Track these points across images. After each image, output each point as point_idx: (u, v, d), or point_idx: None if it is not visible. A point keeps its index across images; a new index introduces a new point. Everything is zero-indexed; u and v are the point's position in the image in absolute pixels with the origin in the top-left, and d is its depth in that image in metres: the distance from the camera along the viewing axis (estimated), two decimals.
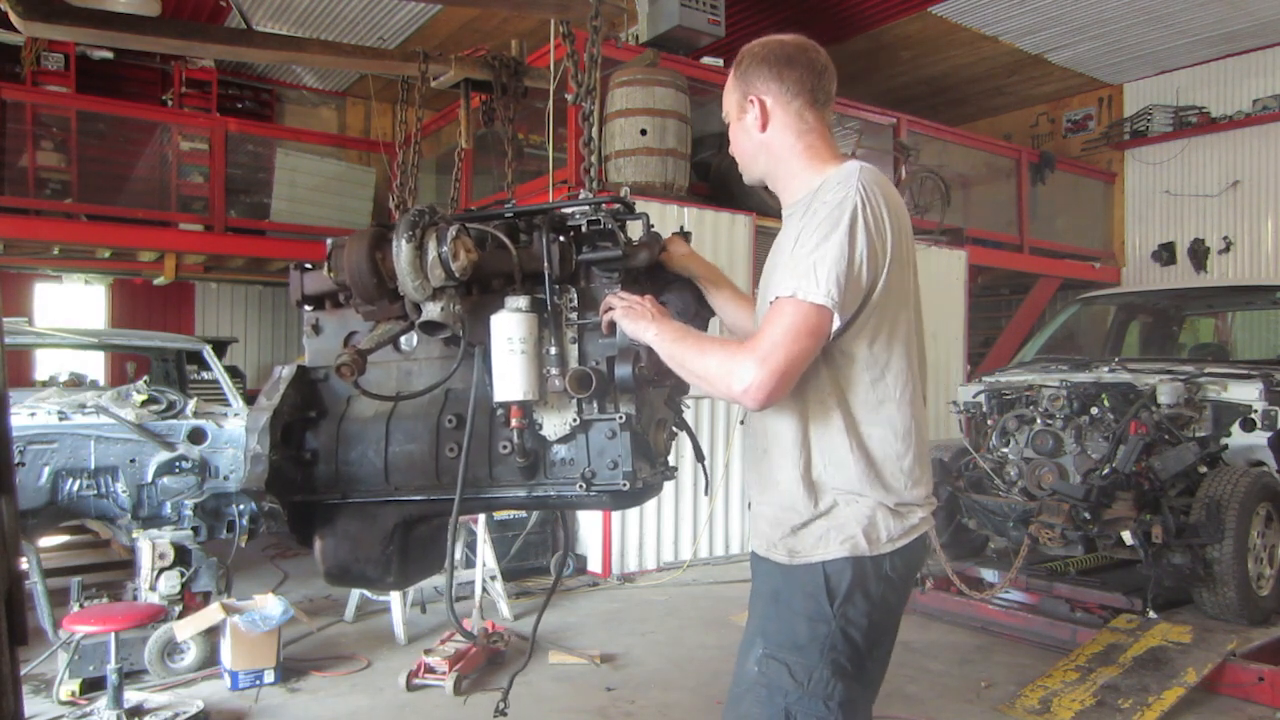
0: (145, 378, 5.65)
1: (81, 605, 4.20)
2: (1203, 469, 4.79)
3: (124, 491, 4.75)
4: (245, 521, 4.98)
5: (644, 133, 6.67)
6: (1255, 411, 5.00)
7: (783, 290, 1.67)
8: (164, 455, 4.80)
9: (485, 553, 5.31)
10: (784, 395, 1.69)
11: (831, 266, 1.64)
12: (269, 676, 4.21)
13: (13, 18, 2.69)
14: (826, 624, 1.73)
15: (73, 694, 3.99)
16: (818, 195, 1.76)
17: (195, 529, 4.77)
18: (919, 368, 1.86)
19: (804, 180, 1.85)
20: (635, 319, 1.82)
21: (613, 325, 1.85)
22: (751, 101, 1.86)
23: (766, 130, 1.86)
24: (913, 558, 1.81)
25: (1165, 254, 10.94)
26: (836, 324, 1.66)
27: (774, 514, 1.83)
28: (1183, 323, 7.43)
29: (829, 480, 1.76)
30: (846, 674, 1.74)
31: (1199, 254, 10.63)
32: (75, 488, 4.67)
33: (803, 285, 1.65)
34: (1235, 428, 5.05)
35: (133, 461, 4.77)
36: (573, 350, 1.89)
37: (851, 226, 1.66)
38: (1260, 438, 5.07)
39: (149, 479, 4.79)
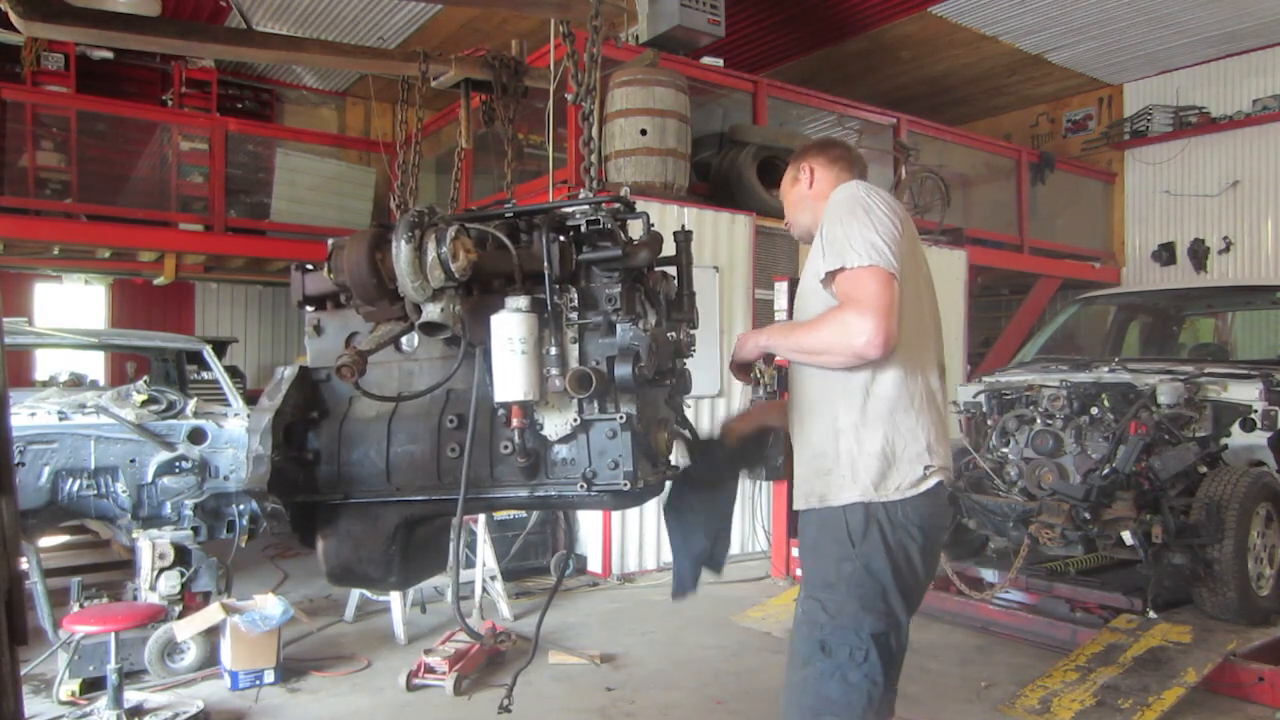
0: (145, 378, 5.64)
1: (81, 605, 4.20)
2: (1203, 469, 4.79)
3: (124, 491, 4.75)
4: (245, 521, 4.98)
5: (644, 133, 6.67)
6: (1255, 411, 4.99)
7: (831, 266, 2.00)
8: (164, 455, 4.80)
9: (485, 553, 5.31)
10: (895, 336, 1.93)
11: (870, 236, 1.99)
12: (269, 676, 4.21)
13: (13, 18, 2.68)
14: (850, 562, 2.01)
15: (73, 694, 3.99)
16: (828, 208, 2.14)
17: (195, 529, 4.78)
18: (934, 342, 2.18)
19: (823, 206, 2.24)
20: (744, 344, 2.28)
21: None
22: (803, 169, 2.38)
23: (812, 187, 2.35)
24: (926, 510, 2.05)
25: (1165, 254, 10.93)
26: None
27: (807, 468, 2.14)
28: (1183, 323, 7.43)
29: (849, 430, 2.06)
30: (875, 609, 1.99)
31: (1199, 254, 10.62)
32: (75, 488, 4.68)
33: (851, 256, 1.97)
34: (1235, 428, 5.04)
35: (133, 461, 4.77)
36: (573, 350, 1.89)
37: (867, 210, 2.04)
38: (1260, 438, 5.07)
39: (149, 479, 4.79)
